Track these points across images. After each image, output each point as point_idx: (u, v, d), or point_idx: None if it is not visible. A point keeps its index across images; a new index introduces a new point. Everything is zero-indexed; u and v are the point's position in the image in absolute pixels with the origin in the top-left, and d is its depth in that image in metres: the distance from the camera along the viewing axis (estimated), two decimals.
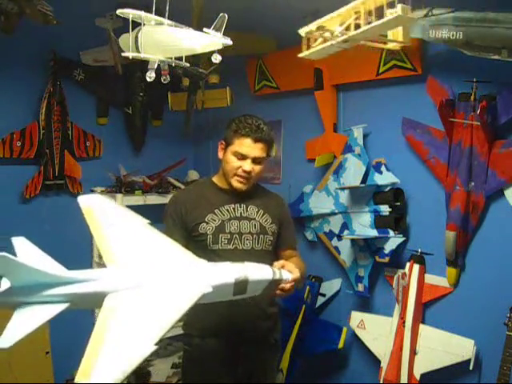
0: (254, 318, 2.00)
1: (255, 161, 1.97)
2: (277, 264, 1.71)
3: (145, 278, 1.33)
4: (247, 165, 1.96)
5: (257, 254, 1.99)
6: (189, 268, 1.42)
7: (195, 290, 1.32)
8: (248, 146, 1.95)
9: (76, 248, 3.24)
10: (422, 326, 2.51)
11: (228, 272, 1.43)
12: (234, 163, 1.98)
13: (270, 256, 2.05)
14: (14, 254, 1.30)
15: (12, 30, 2.50)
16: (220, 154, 2.06)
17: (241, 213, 2.03)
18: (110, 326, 1.19)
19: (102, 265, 3.28)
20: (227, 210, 2.01)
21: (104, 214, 1.54)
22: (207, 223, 1.98)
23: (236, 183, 2.00)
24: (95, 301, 1.27)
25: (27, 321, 1.21)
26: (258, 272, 1.49)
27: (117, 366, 1.09)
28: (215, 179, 2.12)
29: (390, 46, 1.68)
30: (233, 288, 1.42)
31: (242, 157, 1.96)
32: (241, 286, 1.44)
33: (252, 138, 1.95)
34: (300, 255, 2.19)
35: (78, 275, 1.28)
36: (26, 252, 1.36)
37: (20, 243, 1.39)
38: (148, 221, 1.56)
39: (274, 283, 1.57)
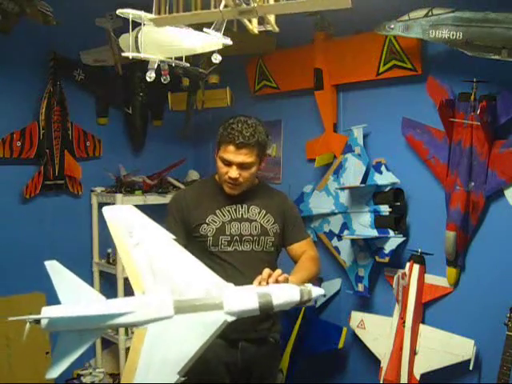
0: (253, 319, 1.99)
1: (242, 166, 1.91)
2: (276, 277, 1.65)
3: (171, 308, 1.39)
4: (233, 172, 1.91)
5: (257, 255, 1.98)
6: (214, 295, 1.44)
7: (218, 319, 1.38)
8: (231, 153, 1.89)
9: (76, 248, 3.24)
10: (422, 326, 2.51)
11: (252, 295, 1.45)
12: (222, 169, 1.94)
13: (273, 256, 2.04)
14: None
15: (10, 29, 2.50)
16: (216, 156, 2.02)
17: (242, 214, 2.00)
18: (139, 361, 1.31)
19: (101, 265, 3.30)
20: (228, 211, 1.99)
21: (129, 229, 1.52)
22: (208, 224, 1.96)
23: (226, 188, 1.98)
24: (126, 326, 1.43)
25: (71, 350, 1.39)
26: (283, 295, 1.48)
27: None
28: (217, 178, 2.08)
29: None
30: (258, 310, 1.45)
31: (228, 163, 1.92)
32: (266, 309, 1.47)
33: (234, 145, 1.87)
34: (312, 245, 2.14)
35: (113, 308, 1.38)
36: (61, 277, 1.42)
37: (52, 267, 1.43)
38: (173, 236, 1.55)
39: (303, 303, 1.53)
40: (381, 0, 2.33)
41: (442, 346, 2.38)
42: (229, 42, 1.51)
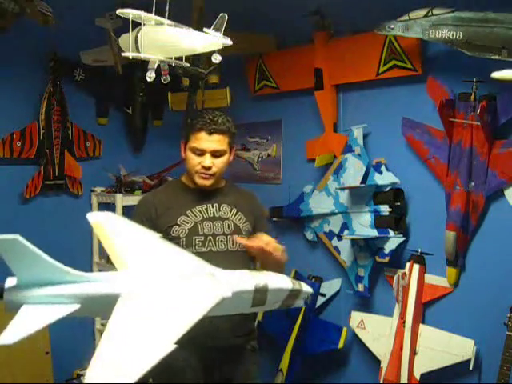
0: (227, 326, 1.91)
1: (215, 154, 1.91)
2: (259, 241, 1.67)
3: (162, 281, 1.26)
4: (206, 160, 1.90)
5: (232, 255, 1.93)
6: (208, 273, 1.36)
7: (215, 293, 1.24)
8: (204, 140, 1.88)
9: (76, 248, 3.24)
10: (421, 326, 2.51)
11: (248, 279, 1.36)
12: (194, 160, 1.92)
13: (246, 257, 1.98)
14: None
15: (7, 28, 2.49)
16: (183, 154, 2.00)
17: (213, 213, 1.96)
18: (126, 323, 1.12)
19: (101, 265, 3.30)
20: (200, 211, 1.95)
21: (114, 227, 1.49)
22: (180, 226, 1.91)
23: (199, 180, 1.94)
24: (107, 304, 1.19)
25: (33, 319, 1.15)
26: (277, 281, 1.42)
27: (132, 365, 1.03)
28: (184, 179, 2.05)
29: None
30: (252, 296, 1.35)
31: (200, 152, 1.90)
32: (260, 294, 1.36)
33: (206, 131, 1.88)
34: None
35: (90, 275, 1.21)
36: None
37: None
38: (159, 235, 1.52)
39: (294, 295, 1.47)
40: (381, 0, 2.34)
41: (442, 346, 2.38)
42: (229, 42, 1.51)
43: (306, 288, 1.48)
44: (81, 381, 3.11)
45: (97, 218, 1.53)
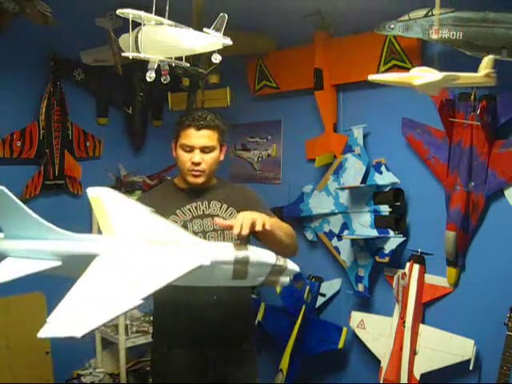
0: (226, 326, 1.91)
1: (204, 150, 1.91)
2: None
3: (143, 245, 1.27)
4: (196, 156, 1.90)
5: None
6: (188, 241, 1.36)
7: (193, 260, 1.22)
8: (192, 136, 1.89)
9: None
10: (422, 326, 2.51)
11: (229, 250, 1.33)
12: (183, 157, 1.92)
13: None
14: None
15: (5, 27, 2.50)
16: (173, 154, 1.99)
17: (203, 210, 1.95)
18: (96, 279, 1.12)
19: None
20: (189, 210, 1.94)
21: (111, 201, 1.51)
22: None
23: (190, 178, 1.94)
24: (87, 264, 1.19)
25: (13, 269, 1.18)
26: (259, 254, 1.37)
27: (86, 319, 1.01)
28: (176, 180, 2.05)
29: None
30: (232, 268, 1.31)
31: (190, 148, 1.90)
32: (241, 266, 1.32)
33: (194, 127, 1.88)
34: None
35: (74, 235, 1.24)
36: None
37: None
38: (152, 209, 1.53)
39: (278, 271, 1.41)
40: (381, 0, 2.33)
41: (442, 346, 2.38)
42: (229, 42, 1.51)
43: (292, 265, 1.44)
44: (81, 381, 3.11)
45: (96, 192, 1.56)
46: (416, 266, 2.51)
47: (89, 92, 3.34)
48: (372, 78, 1.76)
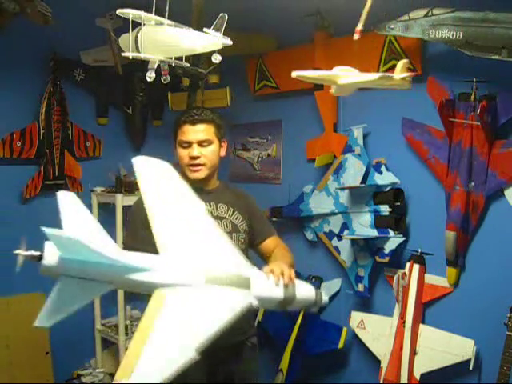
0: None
1: (202, 144, 1.94)
2: (265, 270, 1.65)
3: (196, 277, 1.27)
4: (193, 150, 1.93)
5: None
6: (241, 274, 1.39)
7: (245, 300, 1.31)
8: (189, 132, 1.93)
9: None
10: (422, 326, 2.51)
11: (279, 286, 1.43)
12: (182, 153, 1.95)
13: (244, 255, 2.02)
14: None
15: (4, 27, 2.49)
16: (175, 154, 2.02)
17: (211, 212, 1.97)
18: (156, 326, 1.14)
19: None
20: None
21: (158, 185, 1.48)
22: None
23: (190, 173, 1.96)
24: (143, 289, 1.23)
25: (69, 299, 1.14)
26: (305, 292, 1.49)
27: (158, 370, 1.05)
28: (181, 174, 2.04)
29: None
30: (279, 303, 1.42)
31: (187, 144, 1.94)
32: (287, 303, 1.44)
33: (190, 122, 1.93)
34: (282, 242, 2.15)
35: (132, 260, 1.22)
36: (71, 209, 1.32)
37: (64, 197, 1.34)
38: (205, 206, 1.54)
39: (314, 305, 1.56)
40: (381, 0, 2.33)
41: (442, 346, 2.38)
42: (229, 42, 1.52)
43: (325, 300, 1.60)
44: (81, 381, 3.11)
45: (144, 165, 1.56)
46: (416, 266, 2.51)
47: (89, 92, 3.34)
48: (295, 74, 1.78)
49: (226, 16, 1.49)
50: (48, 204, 3.17)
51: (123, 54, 1.56)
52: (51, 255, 1.19)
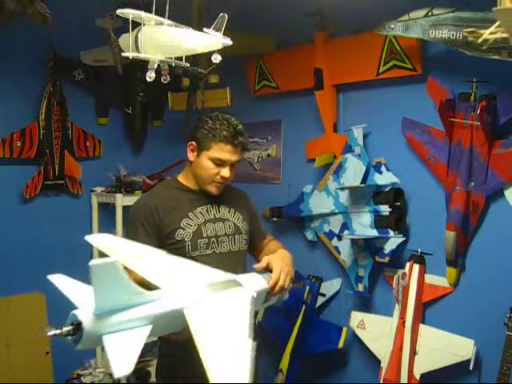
0: None
1: (232, 165, 1.90)
2: (264, 260, 1.71)
3: (201, 293, 1.30)
4: (226, 171, 1.87)
5: (234, 255, 1.94)
6: (234, 278, 1.44)
7: (247, 296, 1.36)
8: (229, 152, 1.85)
9: (76, 248, 3.23)
10: (422, 326, 2.51)
11: (261, 280, 1.53)
12: (212, 170, 1.87)
13: (245, 256, 2.03)
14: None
15: (3, 26, 2.49)
16: (190, 156, 1.93)
17: (214, 214, 1.95)
18: (207, 336, 1.14)
19: None
20: (201, 213, 1.92)
21: (119, 249, 1.46)
22: (184, 229, 1.86)
23: (213, 189, 1.92)
24: (172, 319, 1.23)
25: (128, 344, 1.09)
26: (257, 283, 1.53)
27: (240, 368, 1.05)
28: (182, 180, 2.00)
29: None
30: (265, 295, 1.49)
31: (221, 163, 1.86)
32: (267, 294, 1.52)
33: (232, 144, 1.85)
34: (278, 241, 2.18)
35: (153, 294, 1.22)
36: (69, 286, 1.24)
37: (59, 280, 1.26)
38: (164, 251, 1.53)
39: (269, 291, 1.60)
40: (381, 0, 2.34)
41: (442, 346, 2.38)
42: (229, 42, 1.52)
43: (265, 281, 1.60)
44: (81, 381, 3.11)
45: (99, 240, 1.49)
46: (416, 266, 2.51)
47: (89, 92, 3.35)
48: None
49: (226, 16, 1.49)
50: (48, 204, 3.21)
51: (123, 54, 1.56)
52: (85, 316, 1.11)
